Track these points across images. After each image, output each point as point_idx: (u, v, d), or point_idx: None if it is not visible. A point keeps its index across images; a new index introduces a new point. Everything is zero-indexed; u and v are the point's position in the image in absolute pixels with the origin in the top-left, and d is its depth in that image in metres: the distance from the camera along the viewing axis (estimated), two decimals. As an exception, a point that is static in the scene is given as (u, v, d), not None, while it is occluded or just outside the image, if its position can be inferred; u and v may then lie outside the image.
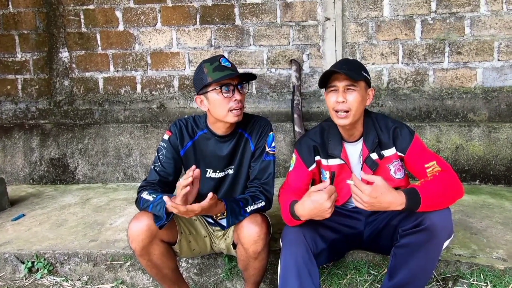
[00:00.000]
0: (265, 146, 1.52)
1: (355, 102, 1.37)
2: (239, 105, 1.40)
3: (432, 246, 1.26)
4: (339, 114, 1.38)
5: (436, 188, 1.25)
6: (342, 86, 1.37)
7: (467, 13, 2.76)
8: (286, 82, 3.03)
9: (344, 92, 1.37)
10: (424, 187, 1.25)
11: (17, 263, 1.89)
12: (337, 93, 1.38)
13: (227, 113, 1.40)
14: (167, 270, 1.49)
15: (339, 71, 1.35)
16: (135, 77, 3.16)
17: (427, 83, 2.88)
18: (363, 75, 1.39)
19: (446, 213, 1.27)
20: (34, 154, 3.15)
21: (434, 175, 1.32)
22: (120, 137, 3.09)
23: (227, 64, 1.41)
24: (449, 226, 1.29)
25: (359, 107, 1.39)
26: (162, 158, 1.50)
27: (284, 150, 2.94)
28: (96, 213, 2.37)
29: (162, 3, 3.05)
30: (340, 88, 1.37)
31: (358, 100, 1.37)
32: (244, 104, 1.45)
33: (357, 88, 1.37)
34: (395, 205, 1.20)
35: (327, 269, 1.65)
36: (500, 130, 2.67)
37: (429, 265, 1.31)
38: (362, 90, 1.39)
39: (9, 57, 3.24)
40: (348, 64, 1.41)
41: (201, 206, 1.23)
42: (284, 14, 2.96)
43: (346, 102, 1.36)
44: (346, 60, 1.47)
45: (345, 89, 1.37)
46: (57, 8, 3.14)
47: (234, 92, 1.40)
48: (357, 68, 1.40)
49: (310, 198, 1.26)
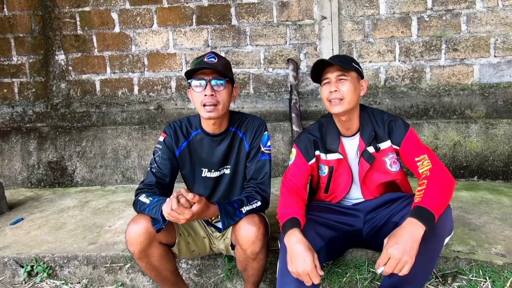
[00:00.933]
0: (260, 145, 1.52)
1: (348, 91, 1.41)
2: (211, 101, 1.39)
3: (433, 243, 1.26)
4: (333, 102, 1.43)
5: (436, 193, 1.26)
6: (334, 76, 1.42)
7: (463, 9, 2.77)
8: (283, 82, 3.03)
9: (337, 82, 1.42)
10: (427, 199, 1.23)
11: (16, 267, 1.88)
12: (330, 84, 1.43)
13: (200, 107, 1.41)
14: (167, 272, 1.49)
15: (330, 61, 1.41)
16: (132, 79, 3.16)
17: (424, 81, 2.88)
18: (354, 66, 1.44)
19: (446, 209, 1.27)
20: (32, 158, 3.14)
21: (426, 177, 1.32)
22: (118, 139, 3.08)
23: (211, 60, 1.40)
24: (449, 222, 1.30)
25: (353, 96, 1.42)
26: (158, 159, 1.51)
27: (282, 150, 2.94)
28: (95, 216, 2.36)
29: (158, 4, 3.04)
30: (333, 79, 1.43)
31: (351, 89, 1.41)
32: (221, 100, 1.41)
33: (348, 77, 1.42)
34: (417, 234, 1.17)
35: (326, 268, 1.65)
36: (497, 126, 2.68)
37: (430, 262, 1.31)
38: (354, 80, 1.44)
39: (5, 61, 3.23)
40: (339, 57, 1.47)
41: (191, 212, 1.20)
42: (281, 13, 2.96)
43: (339, 91, 1.41)
44: (336, 55, 1.53)
45: (337, 80, 1.42)
46: (52, 10, 3.13)
47: (205, 87, 1.39)
48: (347, 60, 1.46)
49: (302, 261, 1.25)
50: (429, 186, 1.28)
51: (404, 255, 1.14)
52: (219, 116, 1.43)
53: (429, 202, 1.22)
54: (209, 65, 1.38)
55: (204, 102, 1.40)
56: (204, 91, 1.39)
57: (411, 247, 1.15)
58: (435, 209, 1.21)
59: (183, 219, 1.21)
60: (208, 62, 1.40)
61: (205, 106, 1.40)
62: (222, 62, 1.44)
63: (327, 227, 1.46)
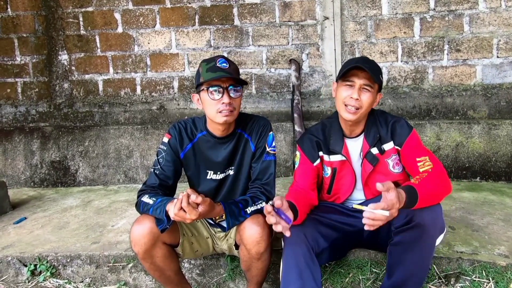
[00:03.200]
0: (265, 146, 1.52)
1: (367, 103, 1.40)
2: (228, 108, 1.37)
3: (425, 243, 1.28)
4: (349, 109, 1.40)
5: (431, 186, 1.27)
6: (360, 83, 1.39)
7: (466, 10, 2.76)
8: (285, 82, 3.03)
9: (360, 90, 1.39)
10: (421, 185, 1.25)
11: (19, 266, 1.89)
12: (353, 89, 1.39)
13: (215, 114, 1.39)
14: (170, 272, 1.49)
15: (364, 68, 1.36)
16: (134, 79, 3.16)
17: (427, 81, 2.88)
18: (380, 79, 1.42)
19: (436, 209, 1.28)
20: (35, 157, 3.15)
21: (427, 172, 1.33)
22: (120, 139, 3.09)
23: (224, 65, 1.38)
24: (440, 222, 1.31)
25: (368, 108, 1.42)
26: (162, 161, 1.50)
27: (284, 150, 2.94)
28: (97, 215, 2.37)
29: (160, 4, 3.05)
30: (357, 85, 1.39)
31: (370, 101, 1.40)
32: (237, 106, 1.41)
33: (372, 90, 1.40)
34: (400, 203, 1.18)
35: (329, 268, 1.65)
36: (500, 127, 2.68)
37: (424, 261, 1.33)
38: (375, 92, 1.42)
39: (8, 61, 3.24)
40: (370, 64, 1.41)
41: (198, 212, 1.21)
42: (283, 13, 2.96)
43: (360, 100, 1.39)
44: (367, 59, 1.46)
45: (361, 87, 1.39)
46: (56, 11, 3.14)
47: (223, 94, 1.37)
48: (377, 70, 1.42)
49: None
50: (429, 177, 1.29)
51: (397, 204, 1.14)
52: (233, 121, 1.44)
53: (422, 189, 1.23)
54: (226, 73, 1.36)
55: (221, 110, 1.37)
56: (222, 99, 1.37)
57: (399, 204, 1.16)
58: (422, 197, 1.22)
59: (189, 219, 1.21)
60: (222, 69, 1.37)
61: (220, 112, 1.38)
62: (233, 67, 1.43)
63: (330, 228, 1.46)
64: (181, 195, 1.22)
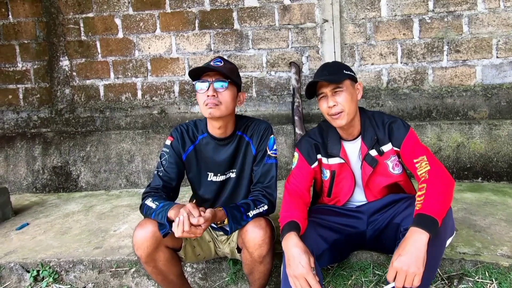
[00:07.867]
0: (266, 149, 1.52)
1: (346, 102, 1.41)
2: (212, 101, 1.40)
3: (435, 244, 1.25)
4: (334, 117, 1.42)
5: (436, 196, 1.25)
6: (329, 90, 1.41)
7: (465, 11, 2.77)
8: (286, 85, 3.03)
9: (333, 96, 1.41)
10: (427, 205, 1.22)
11: (22, 272, 1.89)
12: (327, 99, 1.42)
13: (203, 107, 1.43)
14: (173, 276, 1.50)
15: (320, 80, 1.40)
16: (135, 84, 3.18)
17: (427, 82, 2.89)
18: (345, 74, 1.43)
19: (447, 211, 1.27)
20: (37, 163, 3.16)
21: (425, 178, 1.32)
22: (121, 143, 3.10)
23: (217, 63, 1.43)
24: (451, 223, 1.30)
25: (351, 105, 1.42)
26: (165, 163, 1.51)
27: (285, 153, 2.94)
28: (99, 220, 2.37)
29: (160, 9, 3.07)
30: (328, 93, 1.42)
31: (348, 99, 1.41)
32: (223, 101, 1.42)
33: (343, 88, 1.41)
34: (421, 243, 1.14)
35: (331, 270, 1.65)
36: (501, 127, 2.67)
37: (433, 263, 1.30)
38: (349, 88, 1.43)
39: (10, 67, 3.26)
40: (328, 69, 1.46)
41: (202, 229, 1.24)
42: (282, 17, 2.97)
43: (338, 105, 1.41)
44: (325, 66, 1.50)
45: (332, 93, 1.41)
46: (56, 17, 3.16)
47: (209, 88, 1.41)
48: (337, 70, 1.44)
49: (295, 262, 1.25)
50: (429, 190, 1.27)
51: (410, 266, 1.12)
52: (220, 115, 1.44)
53: (430, 207, 1.21)
54: (212, 67, 1.41)
55: (206, 102, 1.41)
56: (207, 92, 1.41)
57: (416, 257, 1.12)
58: (437, 214, 1.20)
59: (194, 237, 1.25)
60: (212, 65, 1.42)
61: (206, 105, 1.42)
62: (227, 66, 1.46)
63: (330, 230, 1.46)
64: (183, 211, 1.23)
